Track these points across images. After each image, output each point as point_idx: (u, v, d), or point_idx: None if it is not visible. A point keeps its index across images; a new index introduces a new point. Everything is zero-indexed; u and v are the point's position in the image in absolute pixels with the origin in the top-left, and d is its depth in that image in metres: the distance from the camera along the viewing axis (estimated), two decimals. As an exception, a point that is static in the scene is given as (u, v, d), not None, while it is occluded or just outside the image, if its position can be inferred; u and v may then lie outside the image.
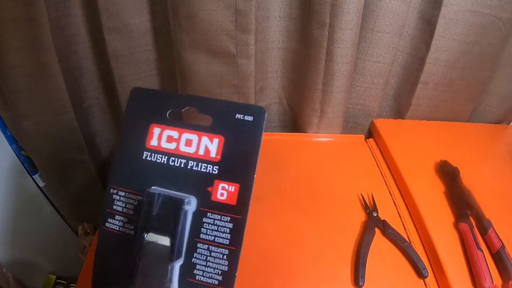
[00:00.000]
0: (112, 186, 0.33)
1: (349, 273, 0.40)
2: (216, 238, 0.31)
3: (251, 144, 0.31)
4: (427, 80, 0.58)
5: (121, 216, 0.32)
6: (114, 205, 0.32)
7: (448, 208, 0.47)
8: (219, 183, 0.31)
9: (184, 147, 0.32)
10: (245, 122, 0.31)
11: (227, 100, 0.32)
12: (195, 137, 0.32)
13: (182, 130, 0.32)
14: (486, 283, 0.37)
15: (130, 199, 0.32)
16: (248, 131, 0.31)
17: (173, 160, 0.32)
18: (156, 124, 0.33)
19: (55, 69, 0.49)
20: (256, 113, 0.31)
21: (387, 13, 0.51)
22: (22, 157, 0.61)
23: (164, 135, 0.32)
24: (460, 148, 0.58)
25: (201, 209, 0.31)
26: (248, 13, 0.47)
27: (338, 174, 0.54)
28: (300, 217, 0.46)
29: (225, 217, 0.31)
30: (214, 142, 0.32)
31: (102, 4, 0.48)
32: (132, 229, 0.32)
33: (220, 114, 0.32)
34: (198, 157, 0.32)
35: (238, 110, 0.32)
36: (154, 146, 0.32)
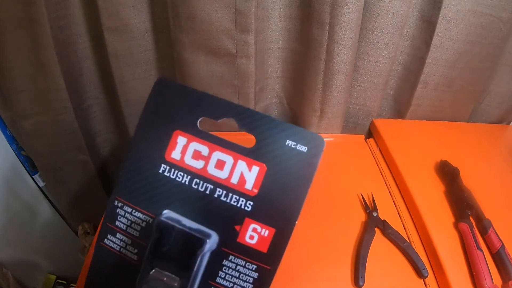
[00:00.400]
0: (117, 197, 0.27)
1: (349, 273, 0.40)
2: (235, 286, 0.26)
3: (300, 182, 0.25)
4: (427, 80, 0.58)
5: (124, 236, 0.27)
6: (117, 221, 0.27)
7: (448, 208, 0.47)
8: (250, 223, 0.26)
9: (213, 169, 0.26)
10: (297, 152, 0.25)
11: (278, 120, 0.26)
12: (229, 159, 0.26)
13: (214, 147, 0.26)
14: (486, 283, 0.37)
15: (137, 218, 0.27)
16: (298, 164, 0.25)
17: (197, 183, 0.26)
18: (182, 132, 0.26)
19: (55, 69, 0.49)
20: (313, 143, 0.25)
21: (387, 13, 0.51)
22: (22, 157, 0.61)
23: (190, 148, 0.26)
24: (460, 148, 0.58)
25: (223, 249, 0.26)
26: (248, 13, 0.47)
27: (338, 174, 0.54)
28: (300, 217, 0.46)
29: (251, 265, 0.26)
30: (253, 170, 0.25)
31: (102, 4, 0.48)
32: (136, 253, 0.27)
33: (267, 136, 0.25)
34: (230, 186, 0.26)
35: (290, 135, 0.25)
36: (175, 159, 0.26)
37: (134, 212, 0.27)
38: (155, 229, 0.25)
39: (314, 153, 0.25)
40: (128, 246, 0.27)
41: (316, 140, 0.25)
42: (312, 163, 0.25)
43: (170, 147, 0.26)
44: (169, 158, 0.26)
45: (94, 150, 0.64)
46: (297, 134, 0.25)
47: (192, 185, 0.26)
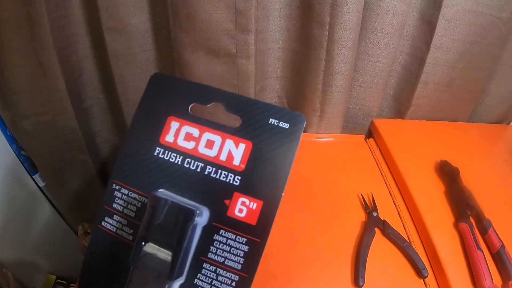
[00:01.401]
0: (115, 180, 0.29)
1: (349, 273, 0.40)
2: (227, 261, 0.26)
3: (283, 156, 0.27)
4: (427, 80, 0.58)
5: (120, 217, 0.28)
6: (114, 203, 0.28)
7: (448, 208, 0.47)
8: (239, 197, 0.27)
9: (203, 149, 0.28)
10: (279, 129, 0.27)
11: (262, 101, 0.28)
12: (218, 139, 0.28)
13: (204, 129, 0.28)
14: (486, 283, 0.37)
15: (133, 199, 0.28)
16: (281, 140, 0.27)
17: (189, 162, 0.28)
18: (174, 117, 0.28)
19: (55, 69, 0.49)
20: (294, 120, 0.27)
21: (387, 13, 0.51)
22: (22, 157, 0.61)
23: (182, 132, 0.28)
24: (460, 148, 0.58)
25: (214, 224, 0.27)
26: (248, 13, 0.47)
27: (338, 174, 0.54)
28: (300, 217, 0.46)
29: (241, 238, 0.26)
30: (240, 147, 0.27)
31: (102, 4, 0.48)
32: (131, 233, 0.28)
33: (251, 116, 0.27)
34: (219, 163, 0.27)
35: (273, 114, 0.27)
36: (169, 142, 0.28)
37: (130, 193, 0.28)
38: (149, 204, 0.26)
39: (295, 128, 0.27)
40: (124, 227, 0.28)
41: (297, 117, 0.27)
42: (294, 138, 0.27)
43: (164, 132, 0.28)
44: (163, 141, 0.28)
45: (94, 150, 0.64)
46: (279, 112, 0.27)
47: (184, 164, 0.28)
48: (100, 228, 0.29)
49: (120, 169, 0.29)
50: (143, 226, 0.26)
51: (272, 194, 0.27)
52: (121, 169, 0.29)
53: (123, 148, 0.29)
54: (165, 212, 0.26)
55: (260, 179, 0.27)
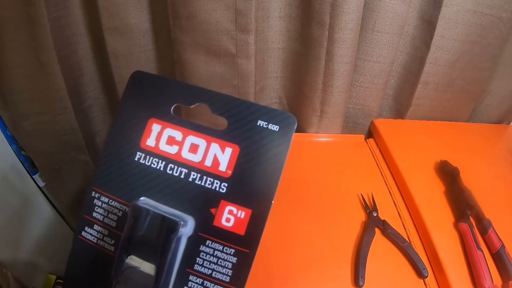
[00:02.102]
0: (94, 188, 0.27)
1: (349, 273, 0.40)
2: (214, 273, 0.25)
3: (273, 161, 0.25)
4: (427, 80, 0.58)
5: (101, 227, 0.27)
6: (94, 212, 0.27)
7: (448, 208, 0.47)
8: (226, 205, 0.25)
9: (187, 153, 0.26)
10: (268, 131, 0.25)
11: (249, 101, 0.26)
12: (202, 143, 0.26)
13: (188, 132, 0.26)
14: (486, 283, 0.37)
15: (114, 207, 0.27)
16: (271, 144, 0.25)
17: (172, 168, 0.26)
18: (156, 120, 0.27)
19: (55, 69, 0.49)
20: (284, 122, 0.25)
21: (387, 13, 0.51)
22: (22, 157, 0.61)
23: (164, 135, 0.26)
24: (460, 148, 0.58)
25: (200, 234, 0.25)
26: (248, 13, 0.47)
27: (338, 174, 0.54)
28: (300, 217, 0.46)
29: (229, 249, 0.25)
30: (226, 152, 0.26)
31: (102, 4, 0.48)
32: (113, 244, 0.26)
33: (239, 118, 0.26)
34: (204, 169, 0.26)
35: (261, 116, 0.26)
36: (150, 146, 0.27)
37: (110, 201, 0.27)
38: (130, 214, 0.25)
39: (286, 131, 0.25)
40: (105, 237, 0.27)
41: (287, 119, 0.26)
42: (284, 141, 0.25)
43: (145, 135, 0.27)
44: (144, 145, 0.27)
45: (94, 150, 0.64)
46: (268, 114, 0.26)
47: (167, 170, 0.26)
48: (80, 238, 0.27)
49: (99, 175, 0.27)
50: (124, 238, 0.25)
51: (262, 202, 0.25)
52: (100, 175, 0.27)
53: (103, 153, 0.28)
54: (147, 223, 0.24)
55: (248, 186, 0.25)
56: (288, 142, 0.26)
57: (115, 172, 0.27)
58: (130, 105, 0.27)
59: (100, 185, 0.27)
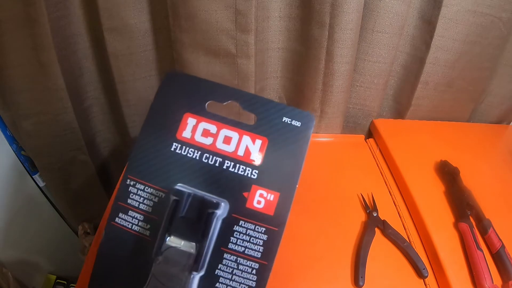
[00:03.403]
0: (130, 176, 0.29)
1: (349, 273, 0.40)
2: (247, 250, 0.28)
3: (296, 151, 0.29)
4: (427, 80, 0.58)
5: (136, 213, 0.28)
6: (129, 199, 0.29)
7: (448, 208, 0.47)
8: (257, 189, 0.28)
9: (221, 144, 0.29)
10: (292, 127, 0.29)
11: (275, 101, 0.29)
12: (235, 135, 0.29)
13: (221, 125, 0.29)
14: (486, 283, 0.37)
15: (150, 194, 0.28)
16: (294, 137, 0.29)
17: (207, 157, 0.29)
18: (191, 114, 0.29)
19: (55, 69, 0.49)
20: (305, 119, 0.29)
21: (387, 13, 0.51)
22: (22, 157, 0.61)
23: (199, 128, 0.29)
24: (460, 148, 0.58)
25: (234, 215, 0.28)
26: (248, 13, 0.47)
27: (338, 174, 0.54)
28: (300, 217, 0.46)
29: (260, 228, 0.28)
30: (257, 143, 0.29)
31: (102, 4, 0.48)
32: (148, 228, 0.28)
33: (266, 115, 0.29)
34: (237, 158, 0.29)
35: (286, 113, 0.29)
36: (186, 138, 0.29)
37: (146, 188, 0.29)
38: (172, 197, 0.27)
39: (306, 127, 0.29)
40: (140, 223, 0.28)
41: (307, 117, 0.29)
42: (305, 135, 0.29)
43: (181, 128, 0.29)
44: (180, 137, 0.29)
45: (94, 150, 0.64)
46: (291, 112, 0.29)
47: (202, 159, 0.29)
48: (113, 224, 0.29)
49: (134, 164, 0.29)
50: (166, 219, 0.27)
51: (288, 186, 0.28)
52: (135, 164, 0.29)
53: (137, 143, 0.29)
54: (188, 204, 0.27)
55: (275, 172, 0.28)
56: (308, 136, 0.29)
57: (151, 161, 0.29)
58: (165, 101, 0.30)
59: (135, 173, 0.29)
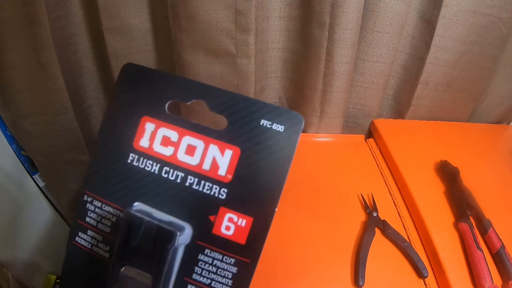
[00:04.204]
0: (87, 191, 0.26)
1: (349, 273, 0.40)
2: (214, 283, 0.24)
3: (277, 165, 0.23)
4: (427, 80, 0.58)
5: (95, 232, 0.25)
6: (87, 217, 0.26)
7: (448, 208, 0.47)
8: (225, 213, 0.24)
9: (183, 156, 0.24)
10: (272, 132, 0.23)
11: (252, 98, 0.23)
12: (200, 144, 0.24)
13: (184, 131, 0.24)
14: (486, 283, 0.37)
15: (107, 212, 0.25)
16: (274, 146, 0.23)
17: (167, 171, 0.24)
18: (149, 118, 0.25)
19: (55, 69, 0.49)
20: (290, 122, 0.23)
21: (387, 13, 0.51)
22: (22, 157, 0.61)
23: (158, 135, 0.24)
24: (460, 148, 0.58)
25: (198, 242, 0.24)
26: (248, 13, 0.47)
27: (338, 174, 0.54)
28: (300, 217, 0.46)
29: (229, 258, 0.24)
30: (226, 154, 0.24)
31: (102, 4, 0.48)
32: (107, 250, 0.25)
33: (240, 116, 0.24)
34: (202, 173, 0.24)
35: (265, 114, 0.23)
36: (144, 147, 0.25)
37: (104, 206, 0.25)
38: (123, 223, 0.23)
39: (291, 132, 0.23)
40: (99, 243, 0.26)
41: (293, 118, 0.23)
42: (290, 143, 0.23)
43: (138, 135, 0.25)
44: (137, 146, 0.25)
45: (94, 150, 0.64)
46: (272, 112, 0.23)
47: (162, 174, 0.24)
48: (74, 244, 0.26)
49: (91, 178, 0.25)
50: (118, 247, 0.24)
51: (264, 209, 0.23)
52: (92, 178, 0.25)
53: (94, 154, 0.26)
54: (142, 232, 0.23)
55: (249, 192, 0.23)
56: (294, 144, 0.23)
57: (108, 175, 0.25)
58: (121, 101, 0.25)
59: (92, 188, 0.25)
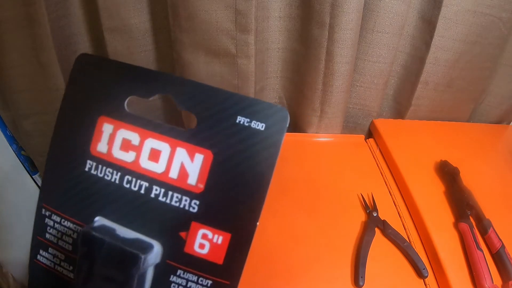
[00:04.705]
0: (44, 205, 0.23)
1: (349, 273, 0.40)
2: None
3: (259, 170, 0.19)
4: (427, 80, 0.58)
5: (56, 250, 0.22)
6: (47, 233, 0.23)
7: (448, 208, 0.47)
8: (198, 228, 0.20)
9: (147, 162, 0.20)
10: (251, 130, 0.19)
11: (226, 90, 0.20)
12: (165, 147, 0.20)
13: (146, 133, 0.20)
14: (486, 283, 0.37)
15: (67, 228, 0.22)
16: (254, 147, 0.19)
17: (129, 181, 0.21)
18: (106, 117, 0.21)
19: (55, 69, 0.49)
20: (272, 119, 0.19)
21: (387, 13, 0.51)
22: (22, 157, 0.61)
23: (117, 138, 0.21)
24: (460, 148, 0.58)
25: (169, 262, 0.21)
26: (248, 13, 0.47)
27: (338, 174, 0.54)
28: (300, 217, 0.46)
29: (205, 280, 0.20)
30: (196, 159, 0.20)
31: (102, 4, 0.48)
32: (71, 270, 0.22)
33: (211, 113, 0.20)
34: (168, 182, 0.20)
35: (241, 110, 0.19)
36: (102, 153, 0.21)
37: (63, 221, 0.22)
38: (81, 245, 0.20)
39: (274, 130, 0.19)
40: (62, 262, 0.23)
41: (276, 114, 0.19)
42: (272, 144, 0.19)
43: (95, 138, 0.21)
44: (94, 152, 0.21)
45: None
46: (250, 107, 0.19)
47: (123, 183, 0.21)
48: (36, 262, 0.23)
49: (47, 189, 0.22)
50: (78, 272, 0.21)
51: (243, 224, 0.20)
52: (48, 189, 0.22)
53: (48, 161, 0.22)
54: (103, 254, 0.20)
55: (225, 204, 0.20)
56: (277, 145, 0.19)
57: (64, 185, 0.22)
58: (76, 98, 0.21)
59: (49, 201, 0.22)
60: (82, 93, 0.21)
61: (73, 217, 0.22)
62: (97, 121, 0.21)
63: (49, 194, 0.22)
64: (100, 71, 0.21)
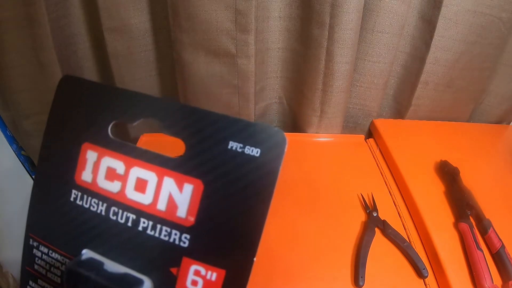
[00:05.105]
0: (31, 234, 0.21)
1: (349, 273, 0.40)
2: None
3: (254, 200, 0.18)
4: (427, 80, 0.58)
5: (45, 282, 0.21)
6: (36, 264, 0.22)
7: (448, 208, 0.47)
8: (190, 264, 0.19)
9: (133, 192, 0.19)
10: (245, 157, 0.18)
11: (216, 113, 0.18)
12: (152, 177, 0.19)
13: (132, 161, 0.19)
14: (486, 283, 0.37)
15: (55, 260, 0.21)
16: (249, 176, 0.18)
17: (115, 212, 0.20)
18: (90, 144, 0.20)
19: (55, 69, 0.49)
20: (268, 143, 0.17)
21: (387, 13, 0.51)
22: (22, 157, 0.61)
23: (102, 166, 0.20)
24: (460, 148, 0.58)
25: None
26: (248, 13, 0.47)
27: (338, 174, 0.54)
28: (300, 217, 0.46)
29: None
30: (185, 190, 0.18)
31: (102, 4, 0.48)
32: None
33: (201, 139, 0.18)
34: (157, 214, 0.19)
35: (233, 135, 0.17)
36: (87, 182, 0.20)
37: (51, 253, 0.21)
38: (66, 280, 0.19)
39: (271, 156, 0.17)
40: None
41: (272, 137, 0.17)
42: (269, 172, 0.17)
43: (80, 166, 0.20)
44: (79, 181, 0.20)
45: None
46: (243, 131, 0.17)
47: (109, 215, 0.20)
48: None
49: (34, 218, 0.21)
50: None
51: (239, 259, 0.18)
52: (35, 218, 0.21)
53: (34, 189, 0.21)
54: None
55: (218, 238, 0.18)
56: (275, 172, 0.17)
57: (51, 215, 0.21)
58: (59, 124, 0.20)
59: (36, 231, 0.21)
60: (65, 118, 0.21)
61: (61, 249, 0.21)
62: (80, 148, 0.20)
63: (36, 223, 0.21)
64: (83, 95, 0.20)
